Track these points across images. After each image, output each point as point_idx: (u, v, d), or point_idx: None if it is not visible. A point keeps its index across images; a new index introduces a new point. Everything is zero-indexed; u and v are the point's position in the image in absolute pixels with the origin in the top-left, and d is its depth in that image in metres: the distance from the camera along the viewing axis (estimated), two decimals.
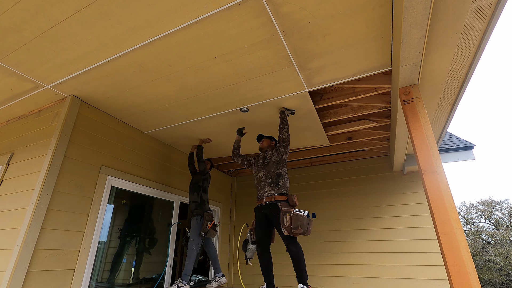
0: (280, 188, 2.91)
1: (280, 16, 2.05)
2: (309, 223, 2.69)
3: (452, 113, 3.09)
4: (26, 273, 2.34)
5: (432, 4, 1.66)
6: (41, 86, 2.90)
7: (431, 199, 1.99)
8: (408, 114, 2.36)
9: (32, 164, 2.86)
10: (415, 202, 4.38)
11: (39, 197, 2.53)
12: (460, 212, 20.21)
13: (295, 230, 2.64)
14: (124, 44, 2.32)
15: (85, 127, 3.13)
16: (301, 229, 2.64)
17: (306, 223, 2.66)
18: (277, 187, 2.92)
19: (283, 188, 2.91)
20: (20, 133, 3.35)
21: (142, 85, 2.87)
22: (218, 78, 2.76)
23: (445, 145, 4.49)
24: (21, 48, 2.37)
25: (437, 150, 2.13)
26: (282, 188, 2.91)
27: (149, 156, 3.99)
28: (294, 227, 2.64)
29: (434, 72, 2.52)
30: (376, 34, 2.19)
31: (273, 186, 2.93)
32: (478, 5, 1.82)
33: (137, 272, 3.95)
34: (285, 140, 3.13)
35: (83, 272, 2.77)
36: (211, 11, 2.00)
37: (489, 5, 1.81)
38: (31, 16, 2.06)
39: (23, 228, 2.44)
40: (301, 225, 2.64)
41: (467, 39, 2.10)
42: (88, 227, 2.91)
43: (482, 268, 15.30)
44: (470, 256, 1.77)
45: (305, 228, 2.65)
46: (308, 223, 2.68)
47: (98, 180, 3.13)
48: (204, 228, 3.51)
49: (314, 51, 2.40)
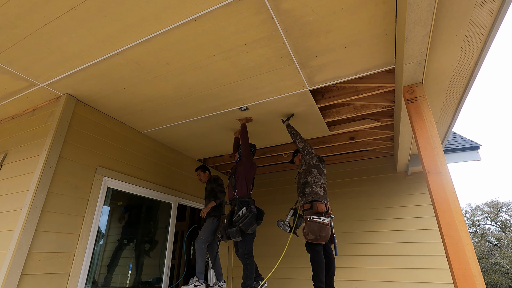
0: (306, 196, 3.08)
1: (280, 13, 2.05)
2: (322, 229, 2.81)
3: (458, 112, 3.09)
4: (20, 277, 2.34)
5: (437, 0, 1.66)
6: (36, 84, 2.90)
7: (435, 201, 1.99)
8: (412, 113, 2.36)
9: (26, 164, 2.86)
10: (419, 203, 4.38)
11: (33, 198, 2.53)
12: (466, 214, 20.21)
13: (308, 236, 2.85)
14: (121, 42, 2.32)
15: (81, 127, 3.13)
16: (312, 235, 2.81)
17: (317, 229, 2.80)
18: (304, 196, 3.10)
19: (309, 196, 3.07)
20: (14, 132, 3.35)
21: (139, 83, 2.87)
22: (217, 77, 2.76)
23: (450, 145, 4.49)
24: (15, 45, 2.37)
25: (442, 150, 2.13)
26: (309, 196, 3.07)
27: (146, 156, 3.99)
28: (306, 233, 2.86)
29: (439, 70, 2.52)
30: (380, 31, 2.19)
31: (302, 196, 3.15)
32: (484, 1, 1.82)
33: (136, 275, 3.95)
34: (304, 148, 3.26)
35: (78, 275, 2.77)
36: (209, 8, 2.00)
37: (495, 0, 1.81)
38: (26, 13, 2.06)
39: (17, 231, 2.43)
40: (312, 231, 2.81)
41: (472, 36, 2.10)
42: (84, 229, 2.91)
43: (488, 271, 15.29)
44: (475, 259, 1.77)
45: (317, 234, 2.80)
46: (320, 229, 2.81)
47: (94, 181, 3.13)
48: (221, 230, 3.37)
49: (315, 49, 2.40)
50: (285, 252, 3.38)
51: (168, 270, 3.97)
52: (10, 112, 3.47)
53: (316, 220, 2.84)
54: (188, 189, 4.71)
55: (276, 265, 3.36)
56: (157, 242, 4.24)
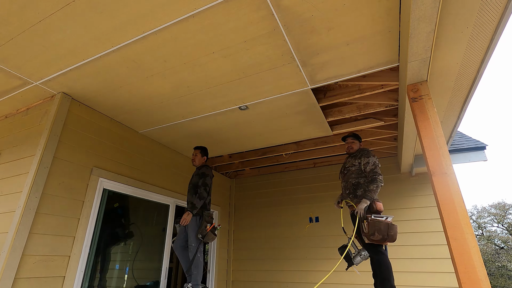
0: (358, 198, 2.98)
1: (281, 9, 2.05)
2: (390, 228, 2.65)
3: (463, 111, 3.09)
4: (13, 280, 2.34)
5: None
6: (30, 83, 2.90)
7: (440, 202, 1.99)
8: (416, 112, 2.36)
9: (20, 165, 2.86)
10: (424, 205, 4.38)
11: (27, 200, 2.53)
12: (472, 216, 20.21)
13: (373, 237, 2.67)
14: (117, 39, 2.32)
15: (76, 126, 3.13)
16: (378, 235, 2.64)
17: (384, 228, 2.64)
18: (355, 198, 3.01)
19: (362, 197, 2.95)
20: (7, 132, 3.35)
21: (135, 81, 2.87)
22: (216, 75, 2.76)
23: (456, 145, 4.49)
24: (8, 42, 2.37)
25: (447, 151, 2.13)
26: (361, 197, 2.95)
27: (143, 157, 3.99)
28: (371, 233, 2.67)
29: (444, 68, 2.52)
30: (383, 28, 2.19)
31: (352, 197, 3.05)
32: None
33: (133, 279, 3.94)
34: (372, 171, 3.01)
35: (73, 279, 2.77)
36: (208, 4, 2.00)
37: None
38: (19, 9, 2.06)
39: (10, 233, 2.43)
40: (378, 230, 2.65)
41: (478, 33, 2.10)
42: (79, 231, 2.91)
43: (495, 275, 15.29)
44: (482, 262, 1.77)
45: (384, 234, 2.63)
46: (388, 228, 2.64)
47: (90, 182, 3.13)
48: (202, 230, 3.30)
49: (317, 46, 2.40)
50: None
51: (166, 273, 3.97)
52: (3, 111, 3.47)
53: (378, 218, 2.69)
54: (186, 190, 4.70)
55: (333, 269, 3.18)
56: (152, 245, 4.22)
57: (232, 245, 5.60)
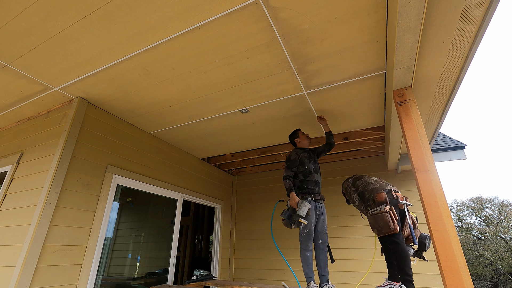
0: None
1: (279, 21, 2.04)
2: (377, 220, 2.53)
3: (445, 114, 3.09)
4: (35, 268, 2.34)
5: (425, 10, 1.66)
6: (50, 88, 2.90)
7: (424, 197, 1.99)
8: (402, 115, 2.35)
9: (41, 163, 2.86)
10: (409, 200, 4.37)
11: (47, 195, 2.53)
12: (452, 209, 20.22)
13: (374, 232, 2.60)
14: (129, 48, 2.32)
15: (92, 128, 3.13)
16: (374, 229, 2.59)
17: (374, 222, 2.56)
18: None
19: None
20: (29, 133, 3.34)
21: (146, 87, 2.87)
22: (220, 81, 2.76)
23: (438, 145, 4.48)
24: (31, 51, 2.37)
25: (430, 150, 2.13)
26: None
27: (153, 155, 3.98)
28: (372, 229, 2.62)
29: (427, 75, 2.52)
30: (371, 38, 2.19)
31: None
32: (469, 11, 1.82)
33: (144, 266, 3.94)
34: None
35: (90, 267, 2.77)
36: (212, 17, 2.00)
37: (479, 10, 1.80)
38: (40, 21, 2.06)
39: (32, 225, 2.44)
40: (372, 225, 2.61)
41: (459, 43, 2.10)
42: (95, 223, 2.91)
43: (473, 263, 15.31)
44: (461, 251, 1.77)
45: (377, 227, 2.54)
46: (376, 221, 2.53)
47: (104, 178, 3.12)
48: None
49: (311, 55, 2.40)
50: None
51: (174, 261, 3.97)
52: (26, 114, 3.47)
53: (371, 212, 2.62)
54: (192, 186, 4.70)
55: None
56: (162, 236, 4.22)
57: (234, 236, 5.60)
